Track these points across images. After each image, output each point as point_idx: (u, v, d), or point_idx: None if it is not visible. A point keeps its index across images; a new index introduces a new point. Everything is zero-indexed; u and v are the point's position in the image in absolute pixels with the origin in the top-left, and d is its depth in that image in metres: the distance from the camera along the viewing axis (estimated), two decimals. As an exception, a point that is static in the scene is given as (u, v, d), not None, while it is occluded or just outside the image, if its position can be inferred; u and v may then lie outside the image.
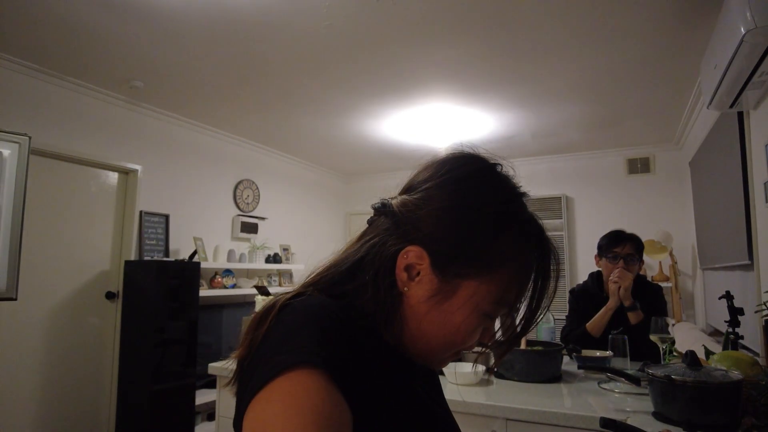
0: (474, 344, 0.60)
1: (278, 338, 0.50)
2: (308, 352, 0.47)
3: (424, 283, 0.57)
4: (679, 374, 1.22)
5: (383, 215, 0.62)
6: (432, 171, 0.62)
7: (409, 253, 0.57)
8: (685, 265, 4.62)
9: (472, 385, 1.69)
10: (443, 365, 0.64)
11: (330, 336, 0.50)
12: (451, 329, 0.58)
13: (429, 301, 0.57)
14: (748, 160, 2.52)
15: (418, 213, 0.58)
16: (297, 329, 0.50)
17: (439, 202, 0.58)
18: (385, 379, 0.57)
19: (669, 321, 1.75)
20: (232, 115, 4.03)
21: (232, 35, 2.66)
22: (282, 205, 5.26)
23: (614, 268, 2.18)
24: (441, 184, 0.60)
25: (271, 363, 0.46)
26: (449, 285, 0.57)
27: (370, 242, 0.60)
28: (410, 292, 0.58)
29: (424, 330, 0.58)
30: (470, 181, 0.60)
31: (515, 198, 0.62)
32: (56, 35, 2.68)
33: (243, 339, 0.55)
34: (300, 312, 0.53)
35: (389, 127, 4.26)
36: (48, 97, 3.20)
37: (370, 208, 0.65)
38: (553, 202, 5.29)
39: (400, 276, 0.58)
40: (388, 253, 0.58)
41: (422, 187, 0.61)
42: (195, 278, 3.64)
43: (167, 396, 3.29)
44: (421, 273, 0.57)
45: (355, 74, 3.18)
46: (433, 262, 0.57)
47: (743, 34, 1.72)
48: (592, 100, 3.65)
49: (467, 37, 2.68)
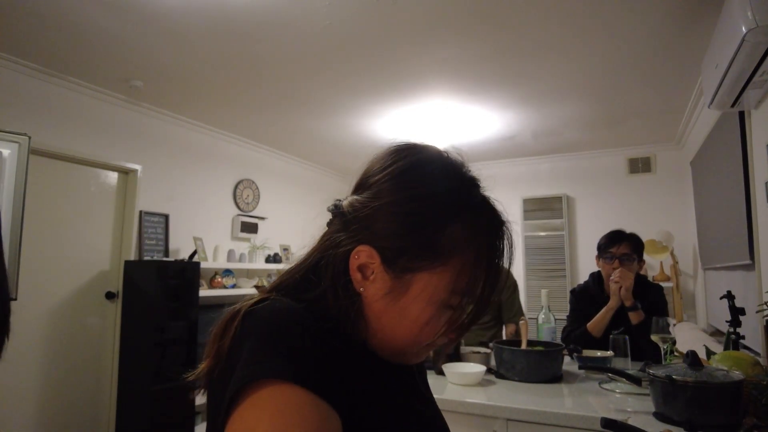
0: (444, 336, 0.59)
1: (247, 350, 0.49)
2: (278, 366, 0.46)
3: (378, 282, 0.57)
4: (680, 374, 1.21)
5: (336, 217, 0.62)
6: (378, 165, 0.61)
7: (360, 253, 0.57)
8: (686, 265, 4.62)
9: (473, 385, 1.69)
10: (418, 360, 0.63)
11: (297, 343, 0.49)
12: (410, 324, 0.57)
13: (385, 299, 0.57)
14: (749, 160, 2.51)
15: (365, 211, 0.58)
16: (264, 339, 0.49)
17: (384, 197, 0.57)
18: (359, 380, 0.56)
19: (670, 321, 1.75)
20: (231, 114, 4.03)
21: (232, 35, 2.66)
22: (282, 204, 5.26)
23: (610, 268, 2.18)
24: (384, 177, 0.59)
25: (242, 376, 0.46)
26: (401, 280, 0.56)
27: (324, 244, 0.60)
28: (366, 292, 0.57)
29: (386, 327, 0.58)
30: (413, 172, 0.59)
31: (464, 183, 0.60)
32: (56, 35, 2.67)
33: (208, 349, 0.54)
34: (265, 319, 0.52)
35: (389, 127, 4.25)
36: (48, 96, 3.19)
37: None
38: (554, 201, 5.29)
39: (355, 277, 0.57)
40: (340, 254, 0.58)
41: (369, 183, 0.60)
42: (195, 278, 3.64)
43: (167, 396, 3.29)
44: (375, 272, 0.57)
45: (356, 73, 3.18)
46: (383, 260, 0.56)
47: (744, 33, 1.72)
48: (593, 99, 3.64)
49: (467, 36, 2.68)
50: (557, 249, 5.22)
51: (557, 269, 5.20)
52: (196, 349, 3.53)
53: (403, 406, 0.61)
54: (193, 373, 0.57)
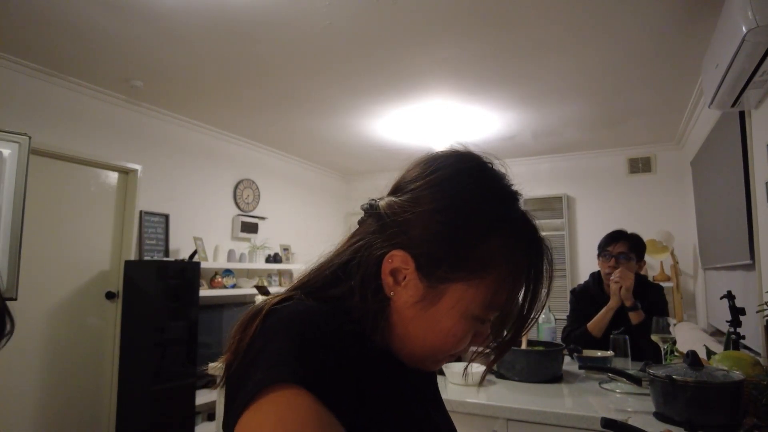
0: (466, 348, 0.58)
1: (263, 350, 0.49)
2: (290, 371, 0.46)
3: (410, 288, 0.56)
4: (680, 374, 1.21)
5: (371, 216, 0.60)
6: (419, 171, 0.60)
7: (395, 257, 0.56)
8: (687, 265, 4.62)
9: (473, 385, 1.69)
10: (437, 368, 0.62)
11: (313, 348, 0.48)
12: (439, 334, 0.56)
13: (415, 306, 0.56)
14: (749, 160, 2.51)
15: (404, 215, 0.56)
16: (280, 342, 0.49)
17: (424, 204, 0.56)
18: (375, 385, 0.55)
19: (670, 321, 1.75)
20: (232, 114, 4.03)
21: (232, 35, 2.66)
22: (282, 204, 5.26)
23: (607, 266, 2.19)
24: (426, 184, 0.58)
25: (255, 379, 0.46)
26: (435, 290, 0.55)
27: (357, 245, 0.59)
28: (397, 297, 0.56)
29: (412, 335, 0.57)
30: (457, 181, 0.58)
31: (506, 197, 0.59)
32: (56, 35, 2.67)
33: (229, 342, 0.54)
34: (285, 321, 0.52)
35: (390, 127, 4.25)
36: (48, 96, 3.19)
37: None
38: (554, 201, 5.29)
39: (386, 281, 0.56)
40: (373, 257, 0.57)
41: (409, 188, 0.59)
42: (195, 278, 3.64)
43: (167, 396, 3.29)
44: (407, 278, 0.56)
45: (356, 73, 3.18)
46: (418, 267, 0.55)
47: (745, 33, 1.72)
48: (593, 99, 3.64)
49: (468, 36, 2.68)
50: (557, 249, 5.21)
51: (557, 269, 5.19)
52: (197, 349, 3.54)
53: (416, 413, 0.61)
54: (213, 366, 0.57)
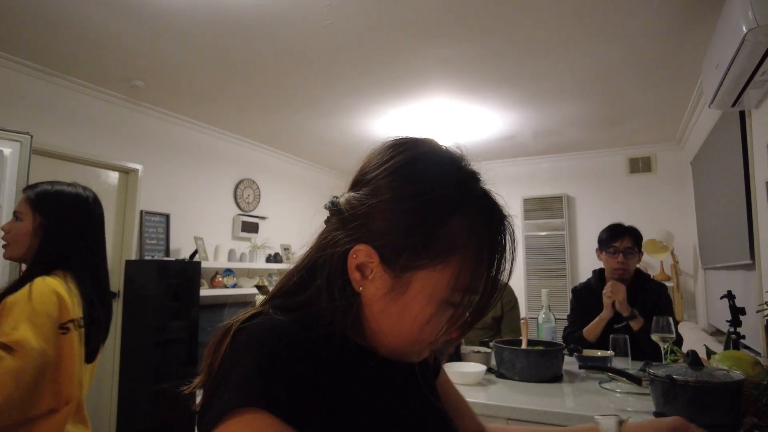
0: (446, 334, 0.57)
1: (231, 371, 0.49)
2: (255, 392, 0.46)
3: (377, 281, 0.55)
4: (680, 374, 1.21)
5: (334, 214, 0.60)
6: (375, 161, 0.60)
7: (359, 252, 0.55)
8: (687, 265, 4.62)
9: (473, 384, 1.69)
10: (420, 359, 0.61)
11: (278, 367, 0.49)
12: (413, 323, 0.55)
13: (384, 298, 0.55)
14: (749, 160, 2.51)
15: (363, 209, 0.56)
16: (246, 361, 0.49)
17: (382, 194, 0.56)
18: (349, 387, 0.55)
19: (670, 321, 1.74)
20: (232, 114, 4.03)
21: (232, 35, 2.66)
22: (283, 204, 5.26)
23: (615, 261, 2.19)
24: (382, 173, 0.57)
25: (222, 401, 0.47)
26: (401, 279, 0.55)
27: (321, 243, 0.59)
28: (366, 292, 0.56)
29: (385, 328, 0.57)
30: (411, 167, 0.57)
31: (463, 178, 0.58)
32: (57, 35, 2.67)
33: (204, 364, 0.54)
34: (252, 340, 0.52)
35: (390, 126, 4.25)
36: (49, 96, 3.19)
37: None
38: (555, 201, 5.29)
39: (353, 276, 0.56)
40: (337, 254, 0.56)
41: (366, 180, 0.59)
42: (196, 278, 3.64)
43: (168, 396, 3.29)
44: (374, 271, 0.55)
45: (356, 73, 3.18)
46: (383, 259, 0.55)
47: (745, 33, 1.72)
48: (593, 99, 3.64)
49: (468, 35, 2.68)
50: (557, 249, 5.22)
51: (558, 269, 5.20)
52: (197, 349, 3.54)
53: (397, 408, 0.60)
54: (189, 387, 0.57)
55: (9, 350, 1.14)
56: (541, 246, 5.29)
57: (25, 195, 1.39)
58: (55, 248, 1.35)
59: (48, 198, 1.37)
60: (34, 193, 1.38)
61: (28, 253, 1.35)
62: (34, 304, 1.20)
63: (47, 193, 1.38)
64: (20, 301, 1.20)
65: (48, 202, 1.37)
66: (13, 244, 1.35)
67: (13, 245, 1.35)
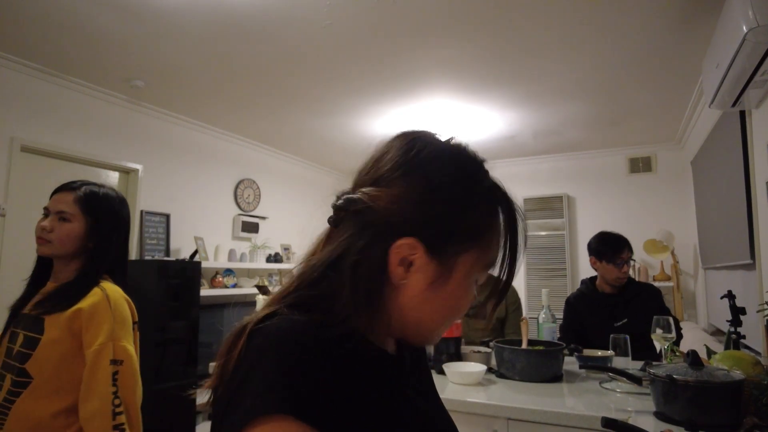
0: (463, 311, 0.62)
1: (249, 375, 0.48)
2: (278, 398, 0.46)
3: (422, 271, 0.56)
4: (680, 374, 1.21)
5: (353, 213, 0.59)
6: (400, 156, 0.61)
7: (402, 246, 0.55)
8: (687, 265, 4.62)
9: (473, 384, 1.69)
10: (437, 341, 0.64)
11: (300, 370, 0.48)
12: (452, 303, 0.59)
13: (430, 287, 0.57)
14: (750, 159, 2.51)
15: (399, 204, 0.56)
16: (266, 365, 0.48)
17: (418, 185, 0.58)
18: (368, 387, 0.55)
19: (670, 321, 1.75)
20: (232, 114, 4.03)
21: (232, 35, 2.66)
22: (283, 204, 5.26)
23: (621, 272, 2.29)
24: (415, 166, 0.59)
25: (243, 408, 0.46)
26: (446, 265, 0.57)
27: (346, 243, 0.57)
28: (408, 284, 0.57)
29: (424, 315, 0.59)
30: (439, 157, 0.60)
31: (480, 166, 0.63)
32: (57, 35, 2.67)
33: (215, 365, 0.53)
34: (270, 342, 0.50)
35: (390, 126, 4.25)
36: (49, 96, 3.19)
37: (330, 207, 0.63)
38: (555, 201, 5.29)
39: (396, 271, 0.56)
40: (376, 252, 0.56)
41: (392, 176, 0.59)
42: (196, 278, 3.64)
43: (168, 396, 3.29)
44: (416, 262, 0.56)
45: (356, 73, 3.18)
46: (429, 248, 0.56)
47: (745, 32, 1.72)
48: (593, 99, 3.64)
49: (468, 35, 2.68)
50: (558, 249, 5.22)
51: (558, 269, 5.20)
52: (197, 349, 3.54)
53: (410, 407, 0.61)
54: (199, 387, 0.56)
55: (119, 364, 1.24)
56: (541, 246, 5.28)
57: (73, 195, 1.32)
58: (112, 252, 1.36)
59: (98, 200, 1.34)
60: (83, 193, 1.33)
61: (72, 254, 1.31)
62: (116, 311, 1.26)
63: (96, 195, 1.35)
64: (102, 310, 1.24)
65: (99, 205, 1.34)
66: (57, 243, 1.29)
67: (57, 244, 1.29)
